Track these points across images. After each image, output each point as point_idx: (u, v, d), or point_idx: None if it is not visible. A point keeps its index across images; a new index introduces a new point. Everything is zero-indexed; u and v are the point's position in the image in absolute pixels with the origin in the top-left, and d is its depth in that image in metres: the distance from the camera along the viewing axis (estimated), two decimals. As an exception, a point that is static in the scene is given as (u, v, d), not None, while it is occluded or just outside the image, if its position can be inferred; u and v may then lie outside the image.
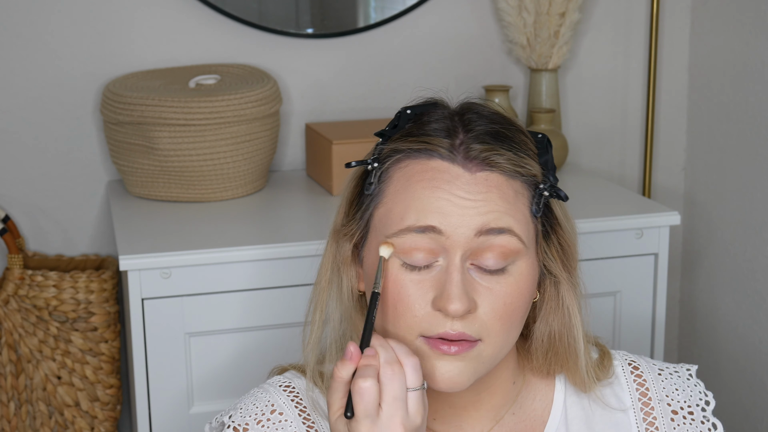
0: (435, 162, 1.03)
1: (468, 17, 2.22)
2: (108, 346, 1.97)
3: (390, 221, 1.04)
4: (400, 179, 1.04)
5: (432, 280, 1.02)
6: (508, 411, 1.14)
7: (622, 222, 1.84)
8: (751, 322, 2.16)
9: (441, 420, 1.13)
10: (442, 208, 1.01)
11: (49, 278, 1.94)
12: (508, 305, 1.03)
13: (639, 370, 1.19)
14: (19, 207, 2.09)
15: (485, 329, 1.03)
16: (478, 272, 1.03)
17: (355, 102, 2.19)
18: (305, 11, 2.18)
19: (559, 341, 1.12)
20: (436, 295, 1.01)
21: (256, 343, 1.71)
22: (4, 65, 2.04)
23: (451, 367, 1.03)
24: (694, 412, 1.18)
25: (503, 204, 1.02)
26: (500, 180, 1.03)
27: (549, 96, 2.16)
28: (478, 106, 1.08)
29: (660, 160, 2.36)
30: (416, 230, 1.02)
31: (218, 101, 1.87)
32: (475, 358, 1.04)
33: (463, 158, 1.03)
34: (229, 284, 1.68)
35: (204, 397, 1.70)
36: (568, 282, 1.10)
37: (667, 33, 2.32)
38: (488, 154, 1.03)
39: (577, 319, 1.11)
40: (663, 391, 1.17)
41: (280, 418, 1.12)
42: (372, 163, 1.07)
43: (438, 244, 1.02)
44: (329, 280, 1.12)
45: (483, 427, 1.13)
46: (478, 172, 1.03)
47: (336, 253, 1.11)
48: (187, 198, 1.93)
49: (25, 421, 1.98)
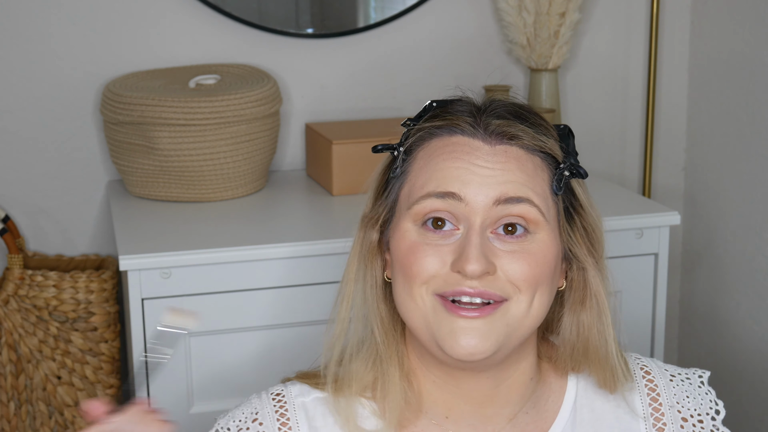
0: (456, 137, 1.06)
1: (468, 17, 2.22)
2: (108, 346, 1.97)
3: (413, 193, 1.06)
4: (423, 157, 1.07)
5: (452, 246, 1.03)
6: (522, 410, 1.13)
7: (622, 222, 1.84)
8: (751, 322, 2.16)
9: (454, 418, 1.12)
10: (462, 176, 1.03)
11: (49, 278, 1.94)
12: (532, 266, 1.03)
13: (651, 375, 1.18)
14: (19, 207, 2.09)
15: (511, 287, 1.03)
16: (498, 240, 1.04)
17: (355, 102, 2.19)
18: (305, 11, 2.18)
19: (589, 332, 1.10)
20: (455, 258, 1.02)
21: (256, 343, 1.71)
22: (5, 65, 2.04)
23: (472, 330, 1.02)
24: (704, 421, 1.17)
25: (522, 175, 1.04)
26: (520, 153, 1.05)
27: (549, 96, 2.16)
28: (501, 98, 1.11)
29: (660, 160, 2.36)
30: (436, 195, 1.04)
31: (218, 101, 1.87)
32: (501, 318, 1.03)
33: (483, 132, 1.05)
34: (229, 284, 1.68)
35: (204, 397, 1.70)
36: (595, 268, 1.09)
37: (667, 33, 2.32)
38: (508, 128, 1.05)
39: (606, 308, 1.10)
40: (674, 397, 1.17)
41: (259, 428, 1.11)
42: (398, 147, 1.09)
43: (458, 211, 1.03)
44: (356, 272, 1.12)
45: (496, 425, 1.12)
46: (498, 145, 1.05)
47: (363, 242, 1.12)
48: (187, 198, 1.93)
49: (25, 421, 1.98)
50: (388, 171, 1.11)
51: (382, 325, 1.11)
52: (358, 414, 1.11)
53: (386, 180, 1.11)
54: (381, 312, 1.11)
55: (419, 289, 1.04)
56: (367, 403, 1.12)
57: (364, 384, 1.12)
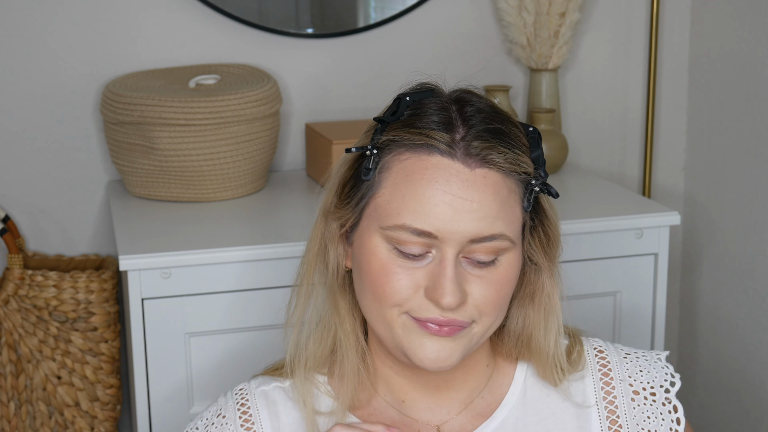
0: (435, 158, 1.04)
1: (468, 17, 2.22)
2: (108, 346, 1.97)
3: (386, 213, 1.05)
4: (399, 173, 1.06)
5: (424, 270, 1.05)
6: (479, 395, 1.16)
7: (622, 222, 1.84)
8: (751, 322, 2.16)
9: (410, 402, 1.15)
10: (439, 213, 1.03)
11: (49, 278, 1.94)
12: (498, 291, 1.06)
13: (603, 353, 1.19)
14: (19, 207, 2.09)
15: (477, 313, 1.06)
16: (469, 264, 1.05)
17: (355, 102, 2.19)
18: (305, 11, 2.18)
19: (534, 327, 1.14)
20: (429, 285, 1.04)
21: (255, 343, 1.71)
22: (5, 65, 2.04)
23: (439, 346, 1.06)
24: (657, 393, 1.18)
25: (496, 206, 1.04)
26: (497, 178, 1.05)
27: (549, 96, 2.16)
28: (472, 97, 1.09)
29: (660, 160, 2.36)
30: (412, 232, 1.04)
31: (218, 101, 1.87)
32: (465, 337, 1.06)
33: (463, 154, 1.04)
34: (230, 284, 1.68)
35: (204, 397, 1.70)
36: (549, 270, 1.12)
37: (667, 33, 2.32)
38: (488, 152, 1.04)
39: (556, 310, 1.13)
40: (626, 372, 1.18)
41: (223, 421, 1.16)
42: (372, 150, 1.07)
43: (432, 243, 1.04)
44: (316, 254, 1.14)
45: (452, 409, 1.15)
46: (477, 168, 1.04)
47: (324, 231, 1.13)
48: (187, 198, 1.93)
49: (25, 421, 1.98)
50: (354, 166, 1.10)
51: (339, 313, 1.14)
52: (314, 394, 1.15)
53: (351, 176, 1.10)
54: (340, 301, 1.14)
55: (390, 310, 1.06)
56: (322, 385, 1.16)
57: (319, 360, 1.15)
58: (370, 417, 1.14)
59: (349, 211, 1.09)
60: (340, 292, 1.14)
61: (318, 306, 1.15)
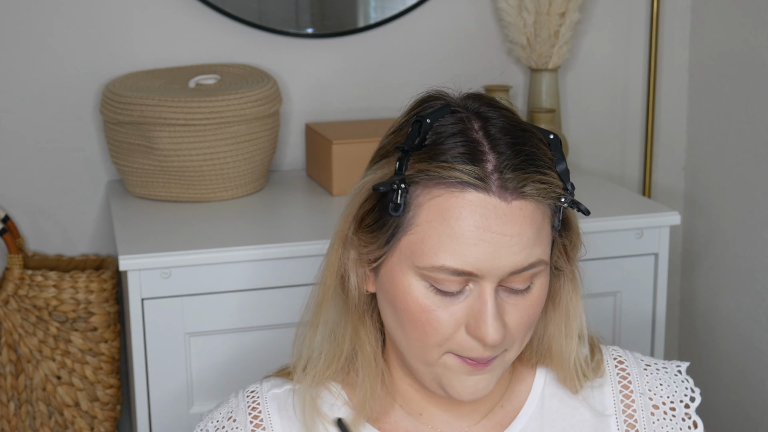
0: (470, 194, 1.00)
1: (468, 17, 2.22)
2: (108, 346, 1.97)
3: (422, 253, 1.01)
4: (432, 210, 1.01)
5: (463, 305, 1.02)
6: (498, 403, 1.14)
7: (622, 222, 1.84)
8: (751, 322, 2.16)
9: (428, 416, 1.13)
10: (478, 252, 0.99)
11: (49, 278, 1.94)
12: (531, 315, 1.05)
13: (624, 364, 1.18)
14: (19, 207, 2.09)
15: (511, 341, 1.05)
16: (505, 292, 1.03)
17: (355, 102, 2.19)
18: (305, 11, 2.18)
19: (555, 330, 1.13)
20: (471, 323, 1.01)
21: (256, 343, 1.71)
22: (5, 65, 2.04)
23: (479, 379, 1.05)
24: (676, 408, 1.16)
25: (533, 234, 1.02)
26: (532, 207, 1.02)
27: (549, 96, 2.16)
28: (490, 112, 1.05)
29: (660, 160, 2.36)
30: (452, 272, 1.00)
31: (218, 101, 1.87)
32: (499, 365, 1.06)
33: (498, 188, 1.00)
34: (229, 284, 1.68)
35: (204, 397, 1.70)
36: (571, 273, 1.11)
37: (667, 33, 2.32)
38: (524, 183, 1.01)
39: (579, 309, 1.12)
40: (646, 385, 1.17)
41: (234, 425, 1.14)
42: (399, 184, 1.01)
43: (470, 278, 1.01)
44: (334, 280, 1.11)
45: (472, 420, 1.13)
46: (514, 201, 1.00)
47: (342, 257, 1.10)
48: (187, 198, 1.93)
49: (24, 421, 1.98)
50: (377, 197, 1.05)
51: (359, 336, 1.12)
52: (329, 403, 1.13)
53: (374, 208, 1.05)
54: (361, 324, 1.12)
55: (432, 351, 1.04)
56: (339, 393, 1.14)
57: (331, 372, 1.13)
58: (387, 427, 1.13)
59: (379, 247, 1.05)
60: (361, 315, 1.11)
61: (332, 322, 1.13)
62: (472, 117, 1.04)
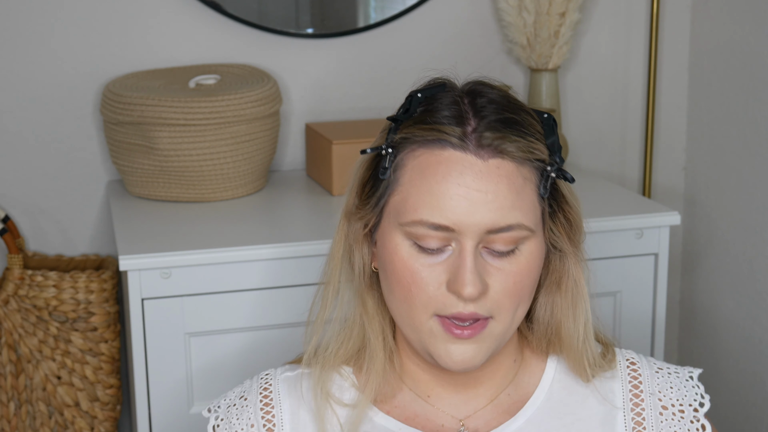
0: (448, 152, 1.05)
1: (468, 17, 2.22)
2: (108, 346, 1.97)
3: (404, 210, 1.06)
4: (414, 168, 1.06)
5: (445, 264, 1.05)
6: (505, 390, 1.16)
7: (622, 222, 1.84)
8: (751, 322, 2.16)
9: (435, 398, 1.15)
10: (454, 207, 1.03)
11: (49, 278, 1.94)
12: (517, 283, 1.06)
13: (636, 365, 1.19)
14: (19, 207, 2.09)
15: (496, 307, 1.06)
16: (489, 255, 1.06)
17: (355, 102, 2.20)
18: (305, 11, 2.18)
19: (562, 314, 1.14)
20: (450, 278, 1.05)
21: (256, 342, 1.71)
22: (5, 65, 2.04)
23: (465, 348, 1.07)
24: (685, 411, 1.17)
25: (511, 196, 1.05)
26: (510, 167, 1.05)
27: (549, 96, 2.16)
28: (485, 88, 1.10)
29: (660, 160, 2.36)
30: (429, 226, 1.04)
31: (218, 101, 1.87)
32: (487, 337, 1.07)
33: (475, 146, 1.05)
34: (229, 284, 1.68)
35: (204, 397, 1.70)
36: (575, 256, 1.13)
37: (667, 33, 2.32)
38: (500, 141, 1.05)
39: (583, 295, 1.13)
40: (656, 386, 1.17)
41: (244, 404, 1.18)
42: (386, 149, 1.08)
43: (450, 236, 1.05)
44: (341, 256, 1.15)
45: (477, 404, 1.15)
46: (490, 159, 1.05)
47: (348, 232, 1.14)
48: (187, 198, 1.93)
49: (25, 421, 1.98)
50: (373, 166, 1.11)
51: (368, 313, 1.15)
52: (338, 385, 1.16)
53: (370, 176, 1.11)
54: (368, 301, 1.15)
55: (419, 314, 1.07)
56: (348, 375, 1.17)
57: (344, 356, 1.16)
58: (395, 410, 1.15)
59: (370, 211, 1.11)
60: (367, 292, 1.15)
61: (344, 305, 1.16)
62: (465, 94, 1.09)
